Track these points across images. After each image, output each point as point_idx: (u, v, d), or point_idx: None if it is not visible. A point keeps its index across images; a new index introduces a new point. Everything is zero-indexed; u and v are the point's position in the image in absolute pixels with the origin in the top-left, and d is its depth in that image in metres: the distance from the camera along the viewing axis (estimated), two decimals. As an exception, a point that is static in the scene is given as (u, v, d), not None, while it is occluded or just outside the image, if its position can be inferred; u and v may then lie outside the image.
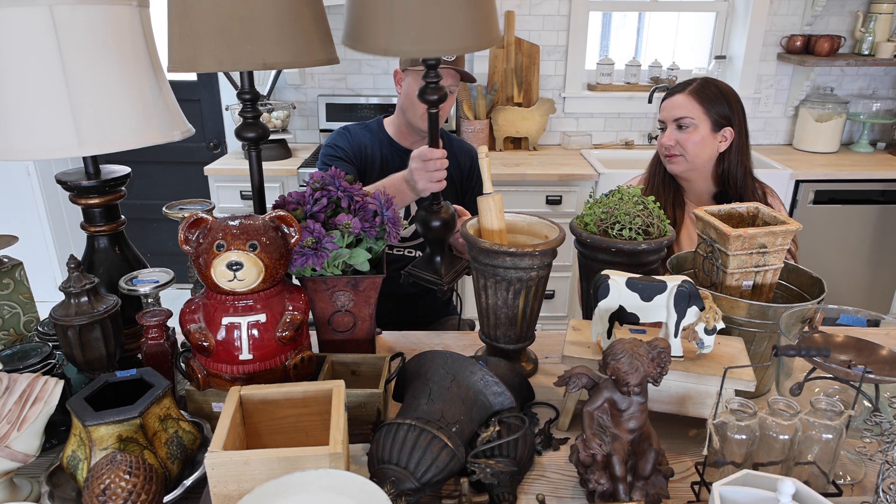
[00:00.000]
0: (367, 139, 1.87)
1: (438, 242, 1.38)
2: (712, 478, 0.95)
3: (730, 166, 1.69)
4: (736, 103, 1.69)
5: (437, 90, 1.23)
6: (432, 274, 1.37)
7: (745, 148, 1.71)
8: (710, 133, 1.67)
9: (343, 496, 0.75)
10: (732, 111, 1.67)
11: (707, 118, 1.66)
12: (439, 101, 1.24)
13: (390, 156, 1.86)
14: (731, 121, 1.67)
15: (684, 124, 1.67)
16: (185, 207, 1.37)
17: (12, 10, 1.02)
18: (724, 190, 1.72)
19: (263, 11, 1.04)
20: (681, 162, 1.70)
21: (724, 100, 1.67)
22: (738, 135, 1.68)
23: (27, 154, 1.08)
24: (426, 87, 1.22)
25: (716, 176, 1.73)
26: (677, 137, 1.68)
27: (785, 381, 1.07)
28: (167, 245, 3.84)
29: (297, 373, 1.09)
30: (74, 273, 1.08)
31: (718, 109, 1.66)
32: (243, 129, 1.19)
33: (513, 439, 0.99)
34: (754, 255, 1.22)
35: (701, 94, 1.67)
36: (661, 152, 1.74)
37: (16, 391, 0.93)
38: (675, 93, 1.71)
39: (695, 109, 1.66)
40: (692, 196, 1.78)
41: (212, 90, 3.53)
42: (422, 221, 1.35)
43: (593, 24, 3.50)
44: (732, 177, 1.70)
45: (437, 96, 1.23)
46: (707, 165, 1.71)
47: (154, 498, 0.82)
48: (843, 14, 3.37)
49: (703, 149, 1.67)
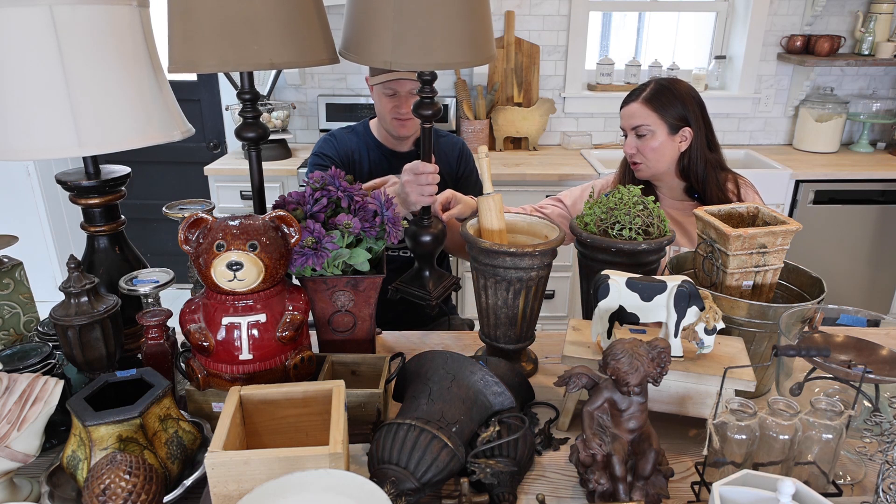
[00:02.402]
0: (353, 144, 1.88)
1: (427, 257, 1.38)
2: (712, 478, 0.95)
3: (690, 162, 1.70)
4: (691, 102, 1.68)
5: (431, 105, 1.23)
6: (420, 289, 1.37)
7: (707, 142, 1.71)
8: (668, 137, 1.68)
9: (343, 496, 0.75)
10: (688, 110, 1.67)
11: (663, 123, 1.67)
12: (433, 117, 1.24)
13: (378, 159, 1.87)
14: (687, 120, 1.68)
15: (641, 133, 1.69)
16: (185, 207, 1.37)
17: (12, 10, 1.02)
18: (690, 185, 1.74)
19: (268, 11, 1.05)
20: (644, 169, 1.73)
21: (677, 101, 1.67)
22: (698, 131, 1.69)
23: (27, 154, 1.08)
24: (420, 102, 1.23)
25: (679, 172, 1.74)
26: (637, 145, 1.70)
27: (785, 381, 1.07)
28: (167, 245, 3.84)
29: (297, 373, 1.09)
30: (74, 273, 1.08)
31: (673, 112, 1.66)
32: (243, 129, 1.19)
33: (513, 439, 0.99)
34: (754, 255, 1.22)
35: (655, 102, 1.67)
36: (627, 159, 1.77)
37: (16, 391, 0.93)
38: (630, 101, 1.72)
39: (649, 116, 1.67)
40: (665, 191, 1.80)
41: (212, 90, 3.53)
42: (412, 236, 1.36)
43: (593, 24, 3.50)
44: (693, 172, 1.71)
45: (432, 111, 1.23)
46: (671, 166, 1.72)
47: (154, 498, 0.82)
48: (843, 14, 3.37)
49: (664, 154, 1.69)
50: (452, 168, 1.92)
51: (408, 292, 1.38)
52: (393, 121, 1.80)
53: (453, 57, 1.12)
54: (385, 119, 1.82)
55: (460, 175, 1.93)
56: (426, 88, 1.22)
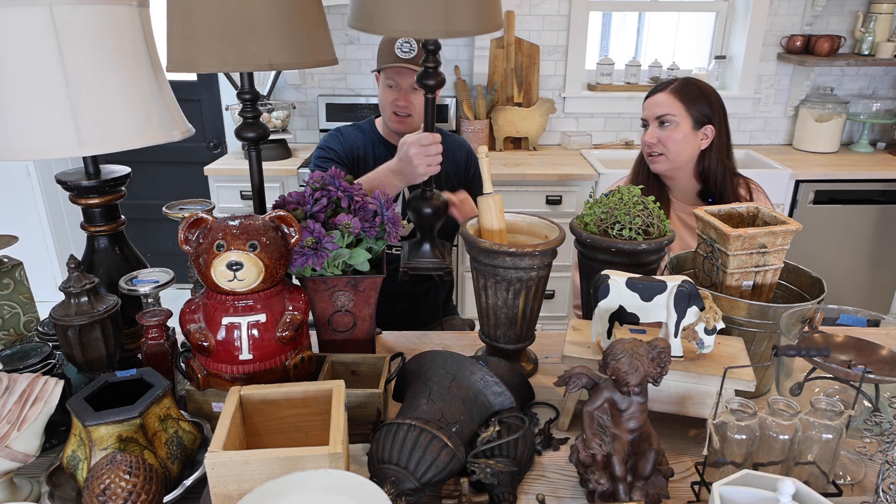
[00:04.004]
0: (359, 140, 1.89)
1: (429, 230, 1.39)
2: (712, 478, 0.95)
3: (710, 164, 1.72)
4: (717, 102, 1.72)
5: (434, 75, 1.23)
6: (429, 260, 1.38)
7: (726, 147, 1.73)
8: (692, 131, 1.70)
9: (343, 496, 0.75)
10: (713, 110, 1.70)
11: (688, 116, 1.69)
12: (437, 87, 1.25)
13: (383, 155, 1.87)
14: (711, 119, 1.70)
15: (666, 121, 1.70)
16: (185, 207, 1.37)
17: (12, 10, 1.02)
18: (707, 187, 1.74)
19: (268, 11, 1.04)
20: (663, 161, 1.73)
21: (704, 99, 1.70)
22: (719, 133, 1.71)
23: (27, 154, 1.08)
24: (424, 72, 1.23)
25: (697, 174, 1.76)
26: (659, 135, 1.71)
27: (785, 381, 1.07)
28: (167, 245, 3.84)
29: (297, 373, 1.09)
30: (74, 273, 1.08)
31: (699, 108, 1.69)
32: (243, 129, 1.19)
33: (513, 439, 0.99)
34: (754, 255, 1.22)
35: (682, 93, 1.70)
36: (644, 151, 1.77)
37: (16, 391, 0.93)
38: (657, 91, 1.74)
39: (676, 107, 1.69)
40: (677, 193, 1.80)
41: (212, 90, 3.53)
42: (414, 209, 1.36)
43: (593, 24, 3.49)
44: (713, 175, 1.72)
45: (435, 81, 1.24)
46: (689, 163, 1.74)
47: (154, 498, 0.82)
48: (843, 14, 3.37)
49: (685, 146, 1.70)
50: (459, 168, 1.92)
51: (419, 268, 1.39)
52: (392, 115, 1.81)
53: (467, 25, 1.12)
54: (385, 112, 1.83)
55: (466, 178, 1.93)
56: (430, 58, 1.22)
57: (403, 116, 1.79)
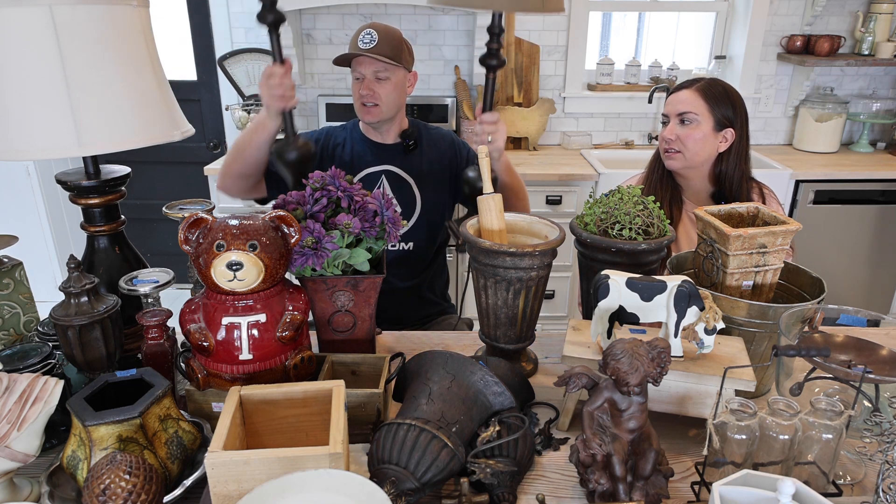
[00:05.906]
0: (339, 137, 1.95)
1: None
2: (712, 478, 0.96)
3: (727, 168, 1.71)
4: (740, 107, 1.71)
5: (496, 56, 1.39)
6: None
7: (745, 152, 1.72)
8: (712, 131, 1.68)
9: (343, 496, 0.75)
10: (736, 113, 1.69)
11: (710, 116, 1.68)
12: (497, 66, 1.40)
13: (361, 151, 1.92)
14: (733, 122, 1.69)
15: (687, 119, 1.69)
16: (185, 207, 1.37)
17: (12, 10, 1.02)
18: (721, 190, 1.73)
19: None
20: (679, 158, 1.71)
21: (728, 101, 1.69)
22: (740, 138, 1.70)
23: (27, 154, 1.08)
24: (487, 53, 1.40)
25: (713, 176, 1.74)
26: (679, 132, 1.70)
27: (785, 381, 1.07)
28: (167, 245, 3.84)
29: (297, 373, 1.09)
30: (74, 273, 1.08)
31: (722, 109, 1.68)
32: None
33: (513, 439, 0.99)
34: (754, 255, 1.22)
35: (707, 92, 1.69)
36: (662, 146, 1.76)
37: (16, 391, 0.93)
38: (682, 88, 1.73)
39: (699, 106, 1.68)
40: (690, 194, 1.79)
41: (212, 90, 3.53)
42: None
43: (593, 24, 3.49)
44: (729, 179, 1.71)
45: (497, 61, 1.40)
46: (705, 164, 1.72)
47: (154, 498, 0.82)
48: (843, 14, 3.37)
49: (704, 146, 1.69)
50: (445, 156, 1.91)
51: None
52: (361, 107, 1.83)
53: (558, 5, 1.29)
54: (356, 105, 1.86)
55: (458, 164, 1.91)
56: (494, 40, 1.38)
57: (370, 106, 1.81)
